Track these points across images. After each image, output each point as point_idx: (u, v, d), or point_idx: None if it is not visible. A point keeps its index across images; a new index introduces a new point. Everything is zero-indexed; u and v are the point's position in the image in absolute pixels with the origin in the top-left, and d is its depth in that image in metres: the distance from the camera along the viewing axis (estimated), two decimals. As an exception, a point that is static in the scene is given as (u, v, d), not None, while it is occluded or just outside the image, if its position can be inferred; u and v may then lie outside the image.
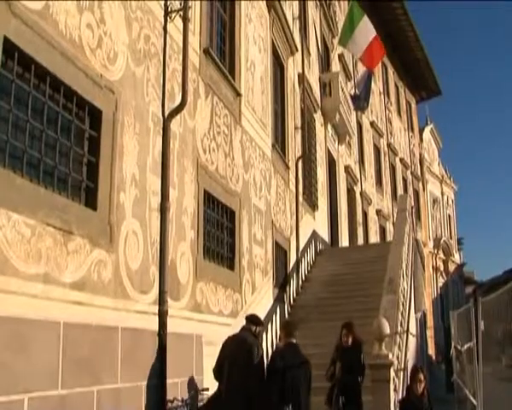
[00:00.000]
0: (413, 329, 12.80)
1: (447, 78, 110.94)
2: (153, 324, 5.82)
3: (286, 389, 5.42)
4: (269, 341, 9.71)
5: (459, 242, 37.84)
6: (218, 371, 5.79)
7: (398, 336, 8.06)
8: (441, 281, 32.17)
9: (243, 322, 6.30)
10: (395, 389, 7.02)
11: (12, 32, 4.12)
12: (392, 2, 23.91)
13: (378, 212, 23.19)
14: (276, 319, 10.42)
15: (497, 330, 8.49)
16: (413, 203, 20.26)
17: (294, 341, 5.92)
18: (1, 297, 3.83)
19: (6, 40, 4.06)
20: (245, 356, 5.59)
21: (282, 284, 11.20)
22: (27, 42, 4.28)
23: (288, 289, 11.58)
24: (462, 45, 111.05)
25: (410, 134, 31.18)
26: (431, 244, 30.96)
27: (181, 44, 6.86)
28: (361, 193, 20.76)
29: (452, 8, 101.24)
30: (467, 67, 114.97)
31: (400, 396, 7.23)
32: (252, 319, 6.13)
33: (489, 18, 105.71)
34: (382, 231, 23.82)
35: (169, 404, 5.88)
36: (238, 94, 9.17)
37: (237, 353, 5.65)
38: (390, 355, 6.81)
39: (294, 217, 12.56)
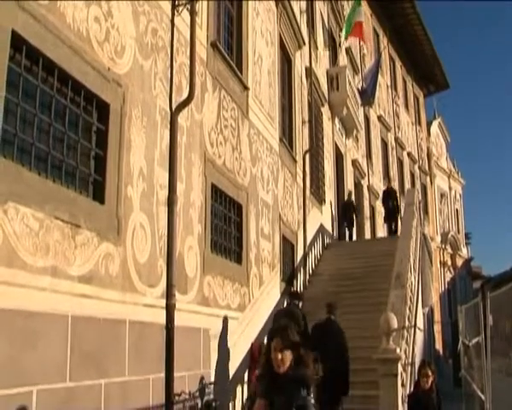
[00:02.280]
0: (420, 324, 12.78)
1: (455, 71, 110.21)
2: (160, 317, 5.83)
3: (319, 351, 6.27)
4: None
5: (467, 236, 37.62)
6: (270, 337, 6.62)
7: (405, 331, 8.04)
8: (449, 276, 32.02)
9: (250, 316, 7.15)
10: (403, 384, 7.00)
11: (20, 26, 4.12)
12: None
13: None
14: (284, 313, 10.42)
15: (505, 326, 8.45)
16: (420, 198, 20.14)
17: (333, 317, 7.46)
18: (9, 290, 3.85)
19: (14, 34, 4.06)
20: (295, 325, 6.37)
21: (289, 278, 11.19)
22: (35, 35, 4.29)
23: (295, 283, 11.57)
24: (471, 38, 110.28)
25: (418, 128, 30.99)
26: (438, 239, 30.81)
27: (188, 38, 6.83)
28: (368, 187, 20.69)
29: (461, 2, 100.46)
30: (476, 61, 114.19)
31: (408, 391, 7.22)
32: (296, 296, 7.98)
33: (499, 11, 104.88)
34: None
35: (176, 397, 5.89)
36: (245, 87, 9.15)
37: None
38: (397, 350, 6.78)
39: (302, 211, 12.53)
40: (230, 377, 7.66)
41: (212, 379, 6.88)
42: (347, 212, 16.54)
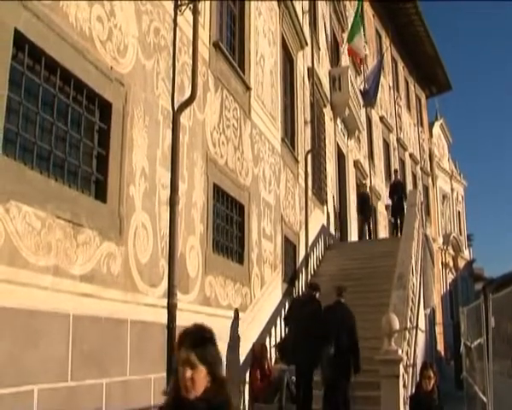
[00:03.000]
0: (422, 325, 12.76)
1: (457, 73, 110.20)
2: (162, 317, 5.82)
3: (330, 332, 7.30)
4: (277, 334, 9.72)
5: (469, 238, 37.57)
6: (288, 320, 8.14)
7: (407, 332, 8.02)
8: (450, 277, 31.96)
9: (252, 316, 7.25)
10: (404, 385, 6.99)
11: (23, 25, 4.12)
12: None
13: (387, 207, 23.07)
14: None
15: (508, 328, 8.42)
16: (422, 199, 20.11)
17: (342, 300, 7.83)
18: (11, 289, 3.84)
19: (17, 32, 4.06)
20: (309, 314, 7.49)
21: (290, 278, 11.18)
22: (38, 34, 4.28)
23: (296, 283, 11.56)
24: (474, 40, 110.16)
25: (420, 129, 30.96)
26: (440, 240, 30.76)
27: (191, 37, 6.84)
28: (370, 188, 20.67)
29: (464, 2, 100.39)
30: (478, 62, 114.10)
31: (409, 392, 7.21)
32: (314, 287, 8.20)
33: (501, 13, 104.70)
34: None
35: (177, 397, 5.87)
36: (248, 87, 9.15)
37: (304, 310, 7.58)
38: (399, 351, 6.77)
39: (303, 211, 12.52)
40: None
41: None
42: (364, 204, 16.72)
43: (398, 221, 16.45)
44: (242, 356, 8.11)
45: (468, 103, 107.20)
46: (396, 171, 20.24)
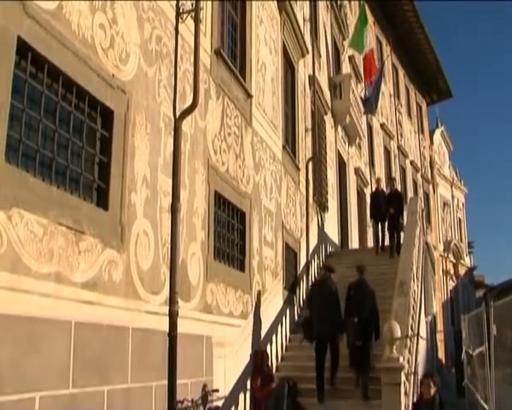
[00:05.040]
0: (423, 332, 12.72)
1: (458, 80, 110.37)
2: (163, 324, 5.81)
3: (352, 306, 8.54)
4: (279, 342, 9.71)
5: (469, 245, 37.54)
6: (309, 302, 9.03)
7: (408, 340, 8.00)
8: (451, 284, 31.92)
9: (253, 323, 8.00)
10: (406, 393, 6.96)
11: (25, 32, 4.14)
12: (403, 5, 23.81)
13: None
14: (286, 321, 10.40)
15: (509, 335, 8.40)
16: (423, 206, 20.09)
17: (363, 277, 8.89)
18: (13, 296, 3.84)
19: (19, 40, 4.07)
20: (329, 292, 8.63)
21: (291, 286, 11.16)
22: (40, 42, 4.30)
23: (298, 291, 11.54)
24: (474, 47, 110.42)
25: (421, 137, 31.01)
26: (441, 247, 30.73)
27: (192, 45, 6.86)
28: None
29: (464, 10, 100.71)
30: (479, 70, 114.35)
31: (411, 400, 7.18)
32: (329, 268, 9.19)
33: (503, 20, 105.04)
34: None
35: (179, 405, 5.87)
36: (249, 95, 9.17)
37: (324, 290, 8.68)
38: (401, 359, 6.75)
39: (304, 219, 12.53)
40: (232, 384, 7.64)
41: (215, 386, 6.85)
42: (377, 203, 14.29)
43: (395, 239, 13.63)
44: (244, 363, 8.09)
45: (468, 111, 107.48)
46: (393, 179, 17.61)
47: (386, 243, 14.22)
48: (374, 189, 16.14)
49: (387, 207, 14.06)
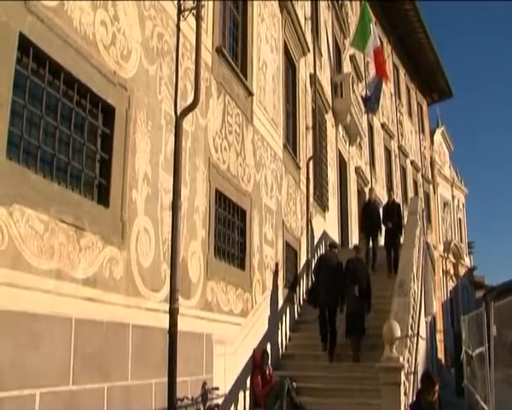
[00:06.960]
0: (423, 332, 12.70)
1: (459, 80, 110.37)
2: (163, 322, 5.82)
3: (352, 277, 9.66)
4: (279, 339, 9.71)
5: (469, 245, 37.52)
6: (317, 272, 10.19)
7: (408, 340, 7.99)
8: (451, 285, 31.91)
9: (253, 321, 7.95)
10: (405, 393, 6.95)
11: (27, 29, 4.14)
12: (404, 4, 23.79)
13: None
14: (286, 319, 10.40)
15: (509, 336, 8.40)
16: (423, 206, 20.07)
17: (359, 256, 10.42)
18: (14, 292, 3.84)
19: (21, 36, 4.07)
20: (335, 265, 9.88)
21: (292, 284, 11.16)
22: (42, 38, 4.30)
23: (298, 289, 11.54)
24: (475, 47, 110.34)
25: (421, 136, 30.99)
26: (441, 248, 30.72)
27: (194, 43, 6.85)
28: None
29: (465, 9, 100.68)
30: (480, 69, 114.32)
31: (410, 400, 7.17)
32: (333, 245, 10.79)
33: (504, 19, 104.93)
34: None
35: (179, 402, 5.87)
36: (250, 93, 9.16)
37: (330, 263, 9.94)
38: (401, 359, 6.74)
39: (305, 218, 12.52)
40: (232, 382, 7.64)
41: (215, 384, 6.85)
42: (369, 217, 13.12)
43: (392, 254, 12.49)
44: (243, 361, 8.09)
45: (469, 111, 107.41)
46: (391, 190, 16.71)
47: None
48: (367, 199, 14.99)
49: (384, 220, 12.86)
